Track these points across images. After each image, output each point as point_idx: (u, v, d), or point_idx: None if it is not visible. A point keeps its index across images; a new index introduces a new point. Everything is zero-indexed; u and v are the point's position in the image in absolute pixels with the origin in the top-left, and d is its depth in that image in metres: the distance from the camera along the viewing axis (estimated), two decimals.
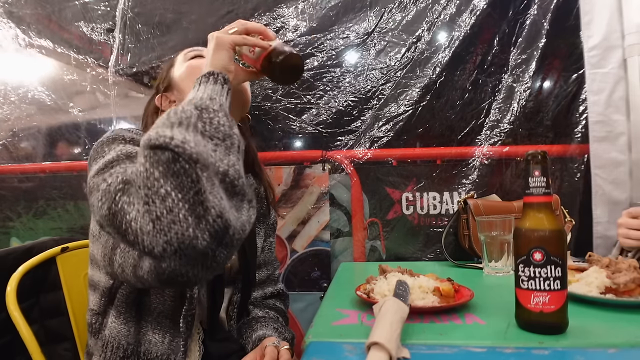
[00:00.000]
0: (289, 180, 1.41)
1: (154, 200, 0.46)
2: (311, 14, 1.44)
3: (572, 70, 1.34)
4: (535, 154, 0.59)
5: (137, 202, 0.49)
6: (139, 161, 0.50)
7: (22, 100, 1.56)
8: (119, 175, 0.55)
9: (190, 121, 0.52)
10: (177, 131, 0.50)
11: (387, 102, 1.40)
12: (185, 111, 0.53)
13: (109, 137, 0.70)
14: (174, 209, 0.46)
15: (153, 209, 0.46)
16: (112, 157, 0.62)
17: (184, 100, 0.58)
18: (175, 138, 0.49)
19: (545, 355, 0.52)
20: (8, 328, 0.74)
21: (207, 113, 0.55)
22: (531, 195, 0.59)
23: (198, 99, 0.57)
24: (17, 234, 1.55)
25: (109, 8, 1.52)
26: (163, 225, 0.46)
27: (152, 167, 0.48)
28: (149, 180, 0.47)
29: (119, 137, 0.69)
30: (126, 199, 0.50)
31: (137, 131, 0.75)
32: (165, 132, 0.50)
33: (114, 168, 0.59)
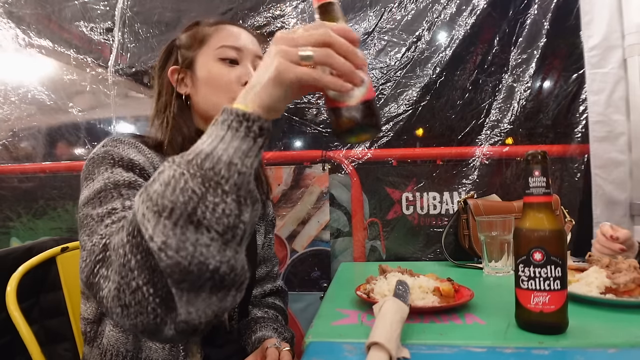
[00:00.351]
0: (289, 180, 1.41)
1: (124, 290, 0.44)
2: (311, 13, 1.44)
3: (572, 70, 1.34)
4: (535, 154, 0.59)
5: (111, 282, 0.45)
6: (122, 232, 0.46)
7: (22, 100, 1.56)
8: (103, 238, 0.51)
9: (185, 211, 0.41)
10: (159, 229, 0.41)
11: (387, 102, 1.40)
12: (184, 191, 0.41)
13: (98, 154, 0.66)
14: (142, 302, 0.43)
15: (122, 297, 0.44)
16: (100, 187, 0.60)
17: (194, 151, 0.44)
18: (154, 240, 0.42)
19: (545, 355, 0.52)
20: (8, 328, 0.74)
21: (214, 195, 0.42)
22: (531, 195, 0.59)
23: (210, 165, 0.43)
24: (17, 234, 1.55)
25: (108, 7, 1.52)
26: (130, 313, 0.44)
27: (131, 252, 0.43)
28: (124, 268, 0.44)
29: (107, 157, 0.65)
30: (104, 272, 0.47)
31: (133, 142, 0.71)
32: (147, 223, 0.42)
33: (102, 206, 0.57)
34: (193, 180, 0.42)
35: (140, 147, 0.71)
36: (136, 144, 0.71)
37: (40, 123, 1.57)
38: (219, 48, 0.78)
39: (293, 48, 0.46)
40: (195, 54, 0.79)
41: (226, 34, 0.80)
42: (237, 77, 0.78)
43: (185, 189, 0.42)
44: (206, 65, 0.78)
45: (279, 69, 0.46)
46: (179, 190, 0.42)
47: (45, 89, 1.55)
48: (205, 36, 0.80)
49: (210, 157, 0.43)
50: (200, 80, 0.79)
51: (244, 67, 0.79)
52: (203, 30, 0.81)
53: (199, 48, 0.79)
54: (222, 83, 0.77)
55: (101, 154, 0.66)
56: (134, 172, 0.65)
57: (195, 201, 0.41)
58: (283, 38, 0.47)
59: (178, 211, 0.41)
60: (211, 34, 0.80)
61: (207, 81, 0.78)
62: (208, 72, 0.78)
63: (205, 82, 0.78)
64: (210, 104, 0.79)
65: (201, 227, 0.42)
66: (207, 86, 0.78)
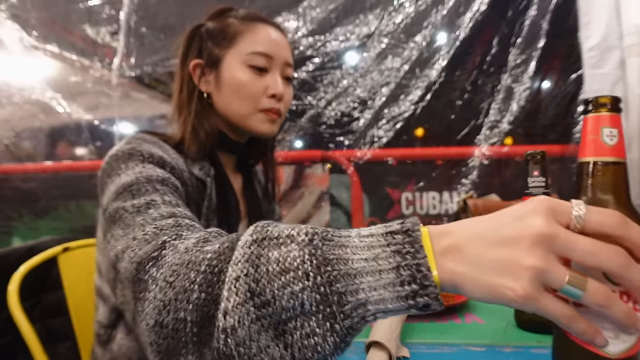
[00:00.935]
0: (289, 180, 1.41)
1: (170, 310, 0.37)
2: (312, 16, 1.44)
3: (570, 71, 1.35)
4: (534, 154, 0.59)
5: (158, 290, 0.39)
6: (204, 252, 0.38)
7: (26, 101, 1.57)
8: (160, 232, 0.46)
9: (277, 315, 0.33)
10: (239, 311, 0.33)
11: (387, 102, 1.41)
12: (294, 297, 0.32)
13: (124, 150, 0.61)
14: (179, 334, 0.37)
15: (164, 315, 0.38)
16: (131, 181, 0.55)
17: (340, 250, 0.33)
18: (226, 317, 0.33)
19: (545, 355, 0.52)
20: (10, 327, 0.74)
21: (318, 324, 0.32)
22: (530, 195, 0.60)
23: (342, 288, 0.32)
24: (19, 233, 1.55)
25: (113, 12, 1.53)
26: (160, 332, 0.38)
27: (199, 287, 0.36)
28: (183, 294, 0.37)
29: (136, 153, 0.61)
30: (154, 273, 0.41)
31: (156, 141, 0.67)
32: (233, 291, 0.34)
33: (135, 198, 0.52)
34: (311, 293, 0.32)
35: (164, 146, 0.68)
36: (159, 143, 0.67)
37: (43, 124, 1.57)
38: (249, 54, 0.73)
39: (564, 246, 0.30)
40: (224, 53, 0.74)
41: (258, 37, 0.74)
42: (264, 88, 0.74)
43: (296, 295, 0.32)
44: (233, 69, 0.73)
45: (523, 292, 0.29)
46: (289, 292, 0.32)
47: (49, 90, 1.56)
48: (236, 35, 0.73)
49: (350, 280, 0.32)
50: (224, 82, 0.74)
51: (272, 77, 0.75)
52: (234, 26, 0.74)
53: (228, 48, 0.74)
54: (248, 92, 0.73)
55: (127, 150, 0.61)
56: (165, 169, 0.62)
57: (296, 314, 0.32)
58: (551, 233, 0.30)
59: (271, 309, 0.33)
60: (242, 34, 0.74)
61: (232, 86, 0.73)
62: (234, 78, 0.73)
63: (229, 87, 0.73)
64: (232, 110, 0.75)
65: (281, 339, 0.33)
66: (231, 91, 0.74)
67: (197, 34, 0.76)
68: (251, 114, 0.75)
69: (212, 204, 0.73)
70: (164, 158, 0.63)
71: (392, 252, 0.32)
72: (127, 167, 0.59)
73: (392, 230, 0.33)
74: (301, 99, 1.44)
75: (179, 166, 0.66)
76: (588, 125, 0.40)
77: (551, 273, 0.30)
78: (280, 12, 1.45)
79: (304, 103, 1.44)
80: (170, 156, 0.66)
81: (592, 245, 0.30)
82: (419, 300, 0.31)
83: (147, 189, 0.54)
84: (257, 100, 0.74)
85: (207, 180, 0.72)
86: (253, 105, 0.74)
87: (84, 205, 1.51)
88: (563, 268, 0.30)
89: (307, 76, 1.43)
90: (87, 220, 1.49)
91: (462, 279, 0.31)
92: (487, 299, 0.31)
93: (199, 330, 0.36)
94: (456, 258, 0.32)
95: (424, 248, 0.32)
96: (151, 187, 0.55)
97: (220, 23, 0.76)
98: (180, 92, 0.76)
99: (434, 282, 0.31)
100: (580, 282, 0.30)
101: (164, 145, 0.68)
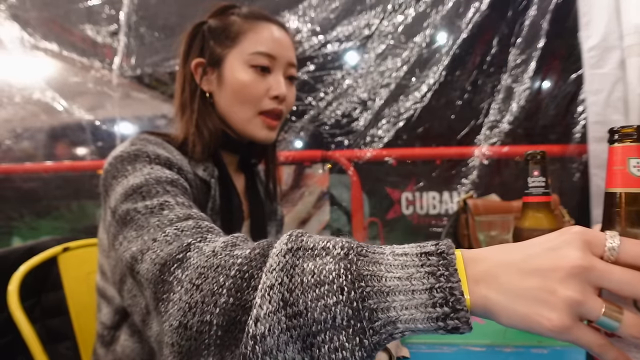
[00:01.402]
0: (289, 180, 1.41)
1: (195, 313, 0.37)
2: (312, 16, 1.45)
3: (571, 71, 1.35)
4: (534, 154, 0.59)
5: (184, 292, 0.39)
6: (234, 256, 0.38)
7: (26, 101, 1.57)
8: (181, 234, 0.45)
9: (308, 327, 0.33)
10: (270, 320, 0.33)
11: (387, 102, 1.41)
12: (327, 310, 0.32)
13: (129, 152, 0.60)
14: (203, 336, 0.37)
15: (189, 317, 0.38)
16: (140, 182, 0.54)
17: (376, 265, 0.34)
18: (257, 324, 0.34)
19: (544, 354, 0.52)
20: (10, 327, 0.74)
21: (348, 339, 0.32)
22: (530, 195, 0.60)
23: (374, 305, 0.32)
24: (19, 233, 1.55)
25: (113, 11, 1.53)
26: (184, 333, 0.38)
27: (228, 291, 0.36)
28: (211, 297, 0.37)
29: (142, 154, 0.59)
30: (179, 274, 0.41)
31: (160, 142, 0.66)
32: (266, 298, 0.34)
33: (145, 200, 0.51)
34: (344, 307, 0.32)
35: (168, 147, 0.67)
36: (163, 144, 0.66)
37: (44, 124, 1.58)
38: (252, 54, 0.71)
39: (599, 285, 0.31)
40: (226, 52, 0.72)
41: (261, 37, 0.72)
42: (267, 89, 0.73)
43: (329, 308, 0.32)
44: (236, 69, 0.72)
45: (560, 323, 0.30)
46: (322, 305, 0.32)
47: (50, 90, 1.56)
48: (239, 34, 0.72)
49: (383, 297, 0.32)
50: (226, 83, 0.72)
51: (275, 77, 0.73)
52: (236, 25, 0.73)
53: (230, 47, 0.72)
54: (250, 93, 0.72)
55: (132, 151, 0.60)
56: (172, 170, 0.60)
57: (327, 327, 0.32)
58: (587, 265, 0.30)
59: (302, 320, 0.33)
60: (245, 33, 0.72)
61: (234, 87, 0.72)
62: (236, 78, 0.72)
63: (231, 87, 0.72)
64: (233, 112, 0.74)
65: (309, 352, 0.33)
66: (233, 92, 0.72)
67: (199, 32, 0.75)
68: (251, 117, 0.73)
69: (215, 205, 0.72)
70: (171, 159, 0.62)
71: (426, 274, 0.32)
72: (134, 168, 0.57)
73: (427, 252, 0.34)
74: (301, 99, 1.44)
75: (184, 167, 0.65)
76: (614, 155, 0.40)
77: (588, 305, 0.30)
78: (280, 12, 1.46)
79: (304, 103, 1.44)
80: (175, 157, 0.65)
81: (628, 275, 0.30)
82: (449, 322, 0.31)
83: (157, 190, 0.53)
84: (259, 101, 0.73)
85: (212, 181, 0.72)
86: (254, 107, 0.73)
87: (85, 205, 1.51)
88: (599, 300, 0.30)
89: (307, 76, 1.43)
90: (88, 220, 1.50)
91: (495, 306, 0.32)
92: (521, 327, 0.31)
93: (223, 333, 0.36)
94: (489, 285, 0.32)
95: (457, 272, 0.32)
96: (161, 188, 0.54)
97: (222, 21, 0.74)
98: (182, 92, 0.75)
99: (466, 307, 0.31)
100: (616, 314, 0.30)
101: (167, 146, 0.67)
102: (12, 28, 1.56)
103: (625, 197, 0.40)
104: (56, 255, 0.89)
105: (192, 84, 0.74)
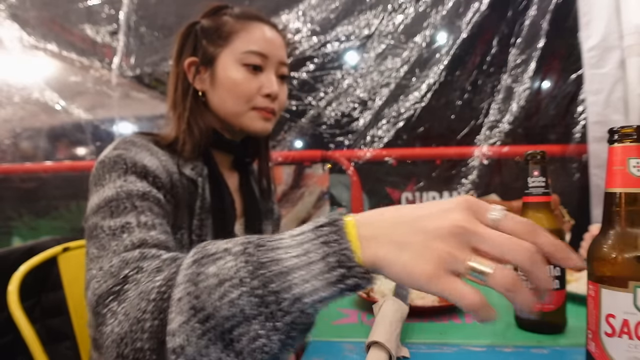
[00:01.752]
0: (289, 180, 1.41)
1: (127, 343, 0.40)
2: (312, 16, 1.45)
3: (571, 71, 1.35)
4: (534, 154, 0.59)
5: (117, 323, 0.41)
6: (152, 282, 0.41)
7: (26, 101, 1.57)
8: (126, 265, 0.47)
9: (221, 326, 0.35)
10: (185, 329, 0.36)
11: (387, 102, 1.41)
12: (233, 305, 0.34)
13: (110, 157, 0.62)
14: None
15: (123, 348, 0.40)
16: (112, 195, 0.57)
17: (273, 252, 0.35)
18: (174, 338, 0.36)
19: (544, 355, 0.52)
20: (10, 327, 0.74)
21: (261, 326, 0.34)
22: (530, 195, 0.60)
23: (277, 287, 0.34)
24: (19, 233, 1.55)
25: (113, 11, 1.53)
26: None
27: (151, 315, 0.39)
28: (137, 324, 0.39)
29: (120, 162, 0.61)
30: (114, 307, 0.43)
31: (145, 144, 0.67)
32: (177, 312, 0.36)
33: (113, 217, 0.54)
34: (249, 297, 0.34)
35: (153, 149, 0.68)
36: (149, 146, 0.67)
37: (43, 123, 1.57)
38: (244, 53, 0.73)
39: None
40: (218, 52, 0.73)
41: (253, 36, 0.74)
42: (259, 87, 0.74)
43: (235, 303, 0.34)
44: (228, 68, 0.73)
45: (429, 272, 0.32)
46: (228, 301, 0.34)
47: (49, 89, 1.56)
48: (231, 34, 0.73)
49: (283, 278, 0.34)
50: (219, 81, 0.74)
51: (267, 76, 0.75)
52: (229, 24, 0.74)
53: (223, 46, 0.73)
54: (243, 91, 0.73)
55: (113, 157, 0.62)
56: (147, 180, 0.62)
57: (239, 321, 0.34)
58: (466, 225, 0.33)
59: (214, 322, 0.34)
60: (237, 32, 0.73)
61: (226, 85, 0.73)
62: (229, 77, 0.73)
63: (224, 86, 0.74)
64: (226, 108, 0.75)
65: (230, 348, 0.35)
66: (225, 90, 0.74)
67: (191, 32, 0.76)
68: (245, 112, 0.75)
69: (205, 203, 0.72)
70: (148, 167, 0.63)
71: (321, 244, 0.34)
72: (110, 177, 0.60)
73: (320, 224, 0.36)
74: (301, 99, 1.44)
75: (167, 170, 0.66)
76: (614, 155, 0.40)
77: (458, 258, 0.32)
78: (280, 12, 1.45)
79: (304, 103, 1.44)
80: (160, 159, 0.66)
81: (504, 239, 0.33)
82: (348, 282, 0.33)
83: (125, 207, 0.56)
84: (251, 99, 0.74)
85: (199, 180, 0.72)
86: (247, 104, 0.74)
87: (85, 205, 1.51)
88: (470, 254, 0.33)
89: (307, 76, 1.43)
90: None
91: (383, 260, 0.34)
92: (402, 279, 0.33)
93: (157, 356, 0.38)
94: (379, 242, 0.34)
95: (347, 234, 0.34)
96: (130, 203, 0.57)
97: (215, 21, 0.75)
98: (175, 90, 0.76)
99: (358, 263, 0.33)
100: (483, 267, 0.32)
101: (153, 148, 0.68)
102: (12, 28, 1.56)
103: (625, 197, 0.40)
104: (56, 255, 0.89)
105: (184, 83, 0.75)
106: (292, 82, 1.44)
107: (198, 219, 0.71)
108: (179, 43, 0.76)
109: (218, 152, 0.78)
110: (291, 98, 1.44)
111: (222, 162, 0.80)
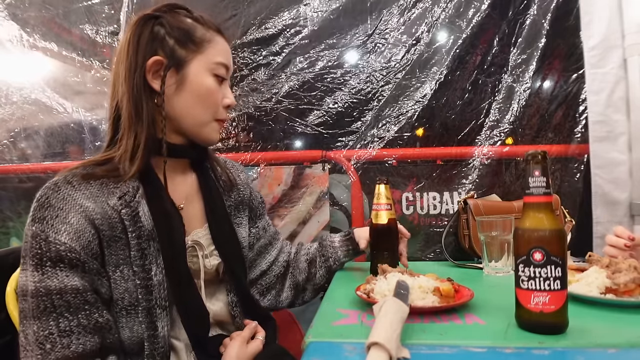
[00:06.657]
0: (289, 180, 1.41)
1: None
2: (312, 16, 1.44)
3: (572, 70, 1.35)
4: (535, 154, 0.59)
5: None
6: None
7: (24, 101, 1.57)
8: None
9: None
10: None
11: (388, 102, 1.40)
12: None
13: (31, 232, 0.62)
14: None
15: None
16: (32, 291, 0.61)
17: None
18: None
19: (546, 355, 0.52)
20: (9, 327, 0.74)
21: None
22: (531, 195, 0.59)
23: None
24: (17, 234, 1.55)
25: (113, 11, 1.53)
26: None
27: None
28: None
29: (35, 245, 0.61)
30: None
31: (77, 185, 0.66)
32: None
33: (36, 319, 0.61)
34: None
35: (86, 189, 0.66)
36: (80, 187, 0.66)
37: (42, 123, 1.57)
38: (215, 63, 0.74)
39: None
40: (191, 57, 0.72)
41: (222, 48, 0.76)
42: (222, 98, 0.78)
43: None
44: (201, 76, 0.73)
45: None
46: None
47: (48, 89, 1.56)
48: (203, 42, 0.73)
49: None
50: (189, 87, 0.72)
51: (226, 87, 0.79)
52: (200, 31, 0.74)
53: (195, 52, 0.73)
54: (212, 100, 0.75)
55: (32, 233, 0.62)
56: (63, 263, 0.62)
57: None
58: None
59: None
60: (210, 42, 0.74)
61: (199, 91, 0.73)
62: (202, 84, 0.73)
63: (196, 92, 0.73)
64: (193, 116, 0.75)
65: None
66: (194, 97, 0.73)
67: (153, 26, 0.72)
68: (208, 122, 0.77)
69: (142, 230, 0.68)
70: (61, 249, 0.61)
71: None
72: (30, 263, 0.62)
73: None
74: (301, 99, 1.44)
75: (105, 213, 0.65)
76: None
77: None
78: (280, 12, 1.45)
79: (304, 103, 1.44)
80: (95, 202, 0.65)
81: None
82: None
83: (45, 307, 0.60)
84: (217, 109, 0.77)
85: (124, 211, 0.67)
86: (212, 113, 0.76)
87: None
88: None
89: (307, 76, 1.43)
90: None
91: None
92: None
93: None
94: None
95: None
96: (50, 303, 0.60)
97: (181, 22, 0.73)
98: (131, 89, 0.70)
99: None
100: None
101: (86, 189, 0.66)
102: (11, 27, 1.56)
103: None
104: None
105: (140, 80, 0.70)
106: (293, 82, 1.44)
107: (137, 249, 0.67)
108: (135, 33, 0.72)
109: (169, 159, 0.74)
110: (291, 97, 1.44)
111: (175, 167, 0.78)
